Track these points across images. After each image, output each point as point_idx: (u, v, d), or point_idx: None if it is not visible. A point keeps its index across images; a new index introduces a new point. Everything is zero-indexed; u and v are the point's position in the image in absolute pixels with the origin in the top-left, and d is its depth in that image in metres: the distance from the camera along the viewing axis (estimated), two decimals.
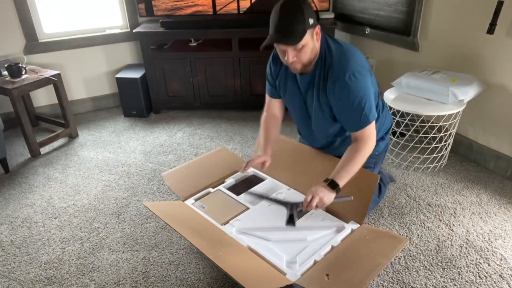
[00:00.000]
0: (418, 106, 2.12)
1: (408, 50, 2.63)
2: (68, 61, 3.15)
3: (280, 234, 1.44)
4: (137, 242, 1.85)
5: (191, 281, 1.63)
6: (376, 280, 1.59)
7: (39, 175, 2.43)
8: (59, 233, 1.93)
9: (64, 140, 2.87)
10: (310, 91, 1.56)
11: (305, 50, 1.41)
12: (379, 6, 2.72)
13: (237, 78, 3.05)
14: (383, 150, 1.79)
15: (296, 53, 1.41)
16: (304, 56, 1.43)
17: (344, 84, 1.42)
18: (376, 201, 1.97)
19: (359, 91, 1.44)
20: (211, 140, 2.79)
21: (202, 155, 1.94)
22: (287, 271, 1.26)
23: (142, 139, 2.84)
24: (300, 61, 1.44)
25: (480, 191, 2.12)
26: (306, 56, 1.43)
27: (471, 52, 2.23)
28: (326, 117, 1.59)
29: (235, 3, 2.97)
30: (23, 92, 2.55)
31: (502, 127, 2.18)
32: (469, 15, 2.18)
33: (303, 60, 1.44)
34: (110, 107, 3.41)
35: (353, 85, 1.42)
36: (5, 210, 2.12)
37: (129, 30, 3.23)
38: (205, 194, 1.68)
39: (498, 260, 1.66)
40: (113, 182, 2.33)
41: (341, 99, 1.46)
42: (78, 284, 1.63)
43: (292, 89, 1.63)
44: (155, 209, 1.52)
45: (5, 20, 2.85)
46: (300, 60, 1.44)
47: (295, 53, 1.41)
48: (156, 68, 3.06)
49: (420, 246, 1.76)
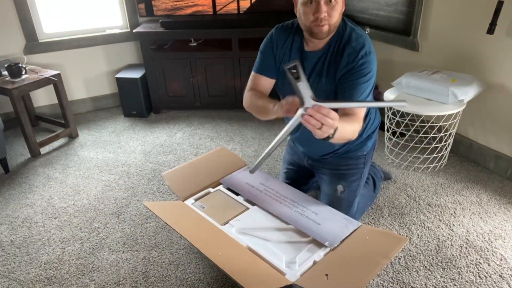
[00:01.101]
0: (418, 106, 2.12)
1: (408, 50, 2.63)
2: (68, 61, 3.15)
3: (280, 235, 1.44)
4: (137, 242, 1.85)
5: (191, 281, 1.63)
6: (376, 280, 1.59)
7: (39, 175, 2.43)
8: (59, 233, 1.93)
9: (64, 140, 2.87)
10: (318, 69, 1.50)
11: (337, 8, 1.36)
12: (379, 6, 2.72)
13: (237, 78, 3.05)
14: (371, 149, 1.78)
15: (328, 9, 1.35)
16: (335, 14, 1.37)
17: (359, 58, 1.39)
18: (372, 197, 1.98)
19: (370, 70, 1.42)
20: (211, 140, 2.79)
21: (202, 155, 1.94)
22: (286, 271, 1.26)
23: (142, 139, 2.84)
24: (330, 20, 1.37)
25: (480, 191, 2.12)
26: (336, 15, 1.37)
27: (471, 52, 2.23)
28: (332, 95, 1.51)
29: (235, 3, 2.97)
30: (23, 92, 2.55)
31: (502, 127, 2.18)
32: (469, 15, 2.18)
33: (333, 18, 1.37)
34: (110, 107, 3.42)
35: (367, 62, 1.40)
36: (5, 210, 2.12)
37: (129, 30, 3.23)
38: (205, 194, 1.68)
39: (498, 260, 1.66)
40: (113, 182, 2.33)
41: (351, 71, 1.42)
42: (78, 284, 1.63)
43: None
44: (155, 209, 1.52)
45: (5, 20, 2.85)
46: (330, 19, 1.37)
47: (327, 9, 1.35)
48: (156, 68, 3.06)
49: (420, 246, 1.76)
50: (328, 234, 1.39)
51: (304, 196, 1.62)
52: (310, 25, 1.39)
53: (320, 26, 1.38)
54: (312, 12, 1.36)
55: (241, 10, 2.99)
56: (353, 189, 1.71)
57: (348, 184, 1.70)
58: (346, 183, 1.70)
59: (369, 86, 1.44)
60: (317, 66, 1.50)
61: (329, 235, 1.39)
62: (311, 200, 1.59)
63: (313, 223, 1.45)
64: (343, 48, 1.43)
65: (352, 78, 1.42)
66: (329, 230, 1.41)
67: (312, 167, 1.84)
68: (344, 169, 1.72)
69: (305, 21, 1.41)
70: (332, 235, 1.39)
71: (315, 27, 1.39)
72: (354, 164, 1.73)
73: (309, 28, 1.41)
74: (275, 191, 1.64)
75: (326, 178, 1.75)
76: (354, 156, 1.71)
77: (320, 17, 1.35)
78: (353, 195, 1.72)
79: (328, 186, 1.74)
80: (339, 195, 1.70)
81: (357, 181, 1.72)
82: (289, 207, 1.54)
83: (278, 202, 1.57)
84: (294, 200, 1.58)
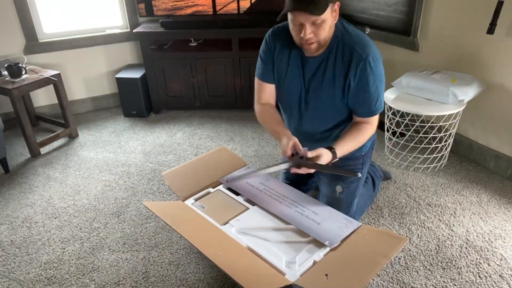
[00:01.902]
0: (418, 106, 2.12)
1: (408, 50, 2.63)
2: (68, 61, 3.15)
3: (280, 235, 1.44)
4: (137, 242, 1.85)
5: (191, 281, 1.63)
6: (376, 280, 1.59)
7: (39, 175, 2.43)
8: (59, 233, 1.93)
9: (64, 140, 2.87)
10: (319, 74, 1.48)
11: (324, 26, 1.33)
12: (379, 6, 2.72)
13: (237, 78, 3.05)
14: (369, 149, 1.78)
15: (314, 28, 1.32)
16: (322, 33, 1.33)
17: (367, 65, 1.38)
18: (371, 196, 1.97)
19: (379, 75, 1.41)
20: (211, 140, 2.79)
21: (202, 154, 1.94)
22: (286, 271, 1.26)
23: (142, 139, 2.84)
24: (317, 38, 1.34)
25: (480, 191, 2.12)
26: (324, 33, 1.34)
27: (471, 52, 2.23)
28: (334, 103, 1.51)
29: (235, 3, 2.97)
30: (23, 92, 2.55)
31: (502, 127, 2.18)
32: (469, 15, 2.18)
33: (320, 37, 1.35)
34: (110, 107, 3.42)
35: (375, 68, 1.39)
36: (5, 210, 2.12)
37: (129, 30, 3.24)
38: (205, 194, 1.68)
39: (498, 260, 1.66)
40: (113, 182, 2.33)
41: (362, 80, 1.41)
42: (78, 284, 1.63)
43: (293, 73, 1.53)
44: (155, 209, 1.52)
45: (5, 20, 2.85)
46: (317, 38, 1.34)
47: (313, 29, 1.32)
48: (156, 68, 3.06)
49: (420, 246, 1.76)
50: (328, 233, 1.39)
51: (304, 196, 1.62)
52: (299, 43, 1.41)
53: (307, 45, 1.38)
54: (298, 31, 1.36)
55: (241, 10, 2.99)
56: (352, 190, 1.71)
57: (347, 185, 1.70)
58: (344, 184, 1.70)
59: (381, 91, 1.45)
60: (318, 72, 1.48)
61: (329, 234, 1.39)
62: (311, 200, 1.59)
63: (313, 223, 1.45)
64: (349, 55, 1.40)
65: (364, 90, 1.42)
66: (329, 230, 1.41)
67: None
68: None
69: (294, 38, 1.42)
70: (332, 235, 1.39)
71: (303, 45, 1.40)
72: (352, 165, 1.72)
73: (299, 44, 1.43)
74: (275, 191, 1.64)
75: (325, 179, 1.75)
76: (352, 157, 1.70)
77: (305, 39, 1.34)
78: (352, 195, 1.72)
79: (327, 187, 1.74)
80: (338, 196, 1.70)
81: (356, 181, 1.72)
82: (289, 207, 1.54)
83: (278, 202, 1.57)
84: (294, 200, 1.58)
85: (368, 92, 1.43)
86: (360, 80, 1.41)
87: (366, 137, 1.52)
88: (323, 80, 1.48)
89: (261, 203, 1.57)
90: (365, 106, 1.48)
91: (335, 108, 1.54)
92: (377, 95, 1.45)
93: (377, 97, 1.45)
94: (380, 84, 1.44)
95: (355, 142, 1.50)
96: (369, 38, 1.45)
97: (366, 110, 1.49)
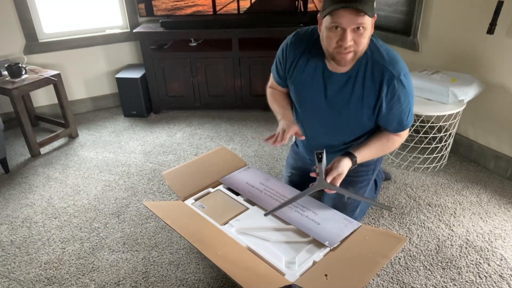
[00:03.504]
0: (418, 106, 2.12)
1: (408, 50, 2.63)
2: (68, 61, 3.16)
3: (280, 235, 1.44)
4: (137, 242, 1.85)
5: (191, 281, 1.63)
6: (376, 280, 1.59)
7: (39, 175, 2.43)
8: (59, 233, 1.93)
9: (64, 140, 2.87)
10: (347, 92, 1.39)
11: (365, 35, 1.22)
12: (379, 6, 2.72)
13: (237, 78, 3.05)
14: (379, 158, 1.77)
15: (355, 36, 1.21)
16: (363, 41, 1.24)
17: (400, 84, 1.33)
18: (373, 197, 1.97)
19: (410, 90, 1.38)
20: (211, 140, 2.79)
21: (202, 154, 1.94)
22: (286, 272, 1.26)
23: (142, 139, 2.84)
24: (356, 47, 1.24)
25: (480, 191, 2.12)
26: (364, 43, 1.24)
27: (471, 52, 2.23)
28: (361, 122, 1.46)
29: (235, 3, 2.97)
30: (23, 92, 2.55)
31: (502, 127, 2.18)
32: (469, 15, 2.18)
33: (359, 46, 1.25)
34: (110, 107, 3.42)
35: (406, 85, 1.35)
36: (5, 210, 2.12)
37: (129, 30, 3.24)
38: (205, 194, 1.68)
39: (498, 260, 1.66)
40: (113, 182, 2.33)
41: (394, 98, 1.36)
42: (78, 284, 1.63)
43: (313, 86, 1.45)
44: (154, 209, 1.52)
45: (5, 20, 2.85)
46: (357, 46, 1.24)
47: (353, 36, 1.21)
48: (156, 68, 3.06)
49: (420, 246, 1.76)
50: (328, 234, 1.39)
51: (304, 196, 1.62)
52: (333, 51, 1.28)
53: (344, 54, 1.26)
54: (336, 38, 1.24)
55: (241, 10, 2.99)
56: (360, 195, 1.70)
57: (356, 190, 1.67)
58: (354, 189, 1.66)
59: (411, 107, 1.42)
60: (345, 89, 1.40)
61: (328, 235, 1.39)
62: (311, 200, 1.59)
63: (313, 223, 1.45)
64: (380, 74, 1.33)
65: (396, 107, 1.38)
66: (329, 230, 1.41)
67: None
68: (353, 176, 1.67)
69: (327, 46, 1.29)
70: (332, 235, 1.39)
71: (338, 54, 1.27)
72: (364, 171, 1.70)
73: (331, 54, 1.30)
74: (275, 191, 1.64)
75: None
76: (365, 163, 1.64)
77: (345, 46, 1.23)
78: (358, 201, 1.71)
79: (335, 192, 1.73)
80: (346, 201, 1.68)
81: (365, 187, 1.71)
82: (289, 207, 1.54)
83: (278, 202, 1.57)
84: None
85: (399, 108, 1.39)
86: (392, 98, 1.36)
87: (392, 149, 1.49)
88: (351, 98, 1.40)
89: (261, 203, 1.57)
90: (396, 122, 1.44)
91: (360, 125, 1.50)
92: (408, 110, 1.41)
93: (408, 111, 1.42)
94: (412, 99, 1.41)
95: (379, 152, 1.48)
96: (397, 54, 1.39)
97: (397, 126, 1.46)
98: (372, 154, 1.47)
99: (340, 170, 1.36)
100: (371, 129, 1.54)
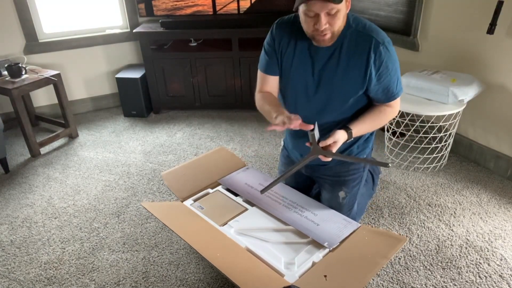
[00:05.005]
0: (418, 106, 2.12)
1: (408, 50, 2.62)
2: (68, 61, 3.16)
3: (279, 236, 1.44)
4: (137, 242, 1.85)
5: (191, 281, 1.63)
6: (376, 280, 1.59)
7: (39, 175, 2.44)
8: (59, 233, 1.94)
9: (64, 140, 2.87)
10: (332, 64, 1.44)
11: (339, 16, 1.30)
12: (379, 6, 2.72)
13: (237, 78, 3.05)
14: (370, 151, 1.76)
15: (329, 19, 1.28)
16: (337, 22, 1.31)
17: (385, 50, 1.38)
18: (370, 194, 1.97)
19: (396, 59, 1.42)
20: (211, 140, 2.79)
21: (201, 154, 1.94)
22: (285, 273, 1.26)
23: (142, 139, 2.84)
24: (332, 29, 1.32)
25: (480, 191, 2.12)
26: (339, 23, 1.32)
27: (471, 52, 2.23)
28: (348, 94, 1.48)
29: (235, 3, 2.97)
30: (23, 92, 2.55)
31: (502, 127, 2.18)
32: (469, 15, 2.18)
33: (335, 27, 1.32)
34: (110, 107, 3.42)
35: (392, 52, 1.40)
36: (5, 210, 2.12)
37: (129, 30, 3.23)
38: (204, 194, 1.68)
39: (498, 260, 1.66)
40: (113, 182, 2.33)
41: (382, 66, 1.40)
42: (78, 284, 1.64)
43: (300, 65, 1.50)
44: (153, 209, 1.52)
45: (5, 20, 2.85)
46: (332, 28, 1.32)
47: (328, 19, 1.28)
48: (156, 68, 3.06)
49: (420, 246, 1.76)
50: (327, 234, 1.39)
51: (303, 197, 1.62)
52: (312, 34, 1.36)
53: (321, 36, 1.34)
54: (312, 23, 1.32)
55: (241, 10, 2.99)
56: (354, 193, 1.70)
57: (350, 189, 1.68)
58: (347, 189, 1.68)
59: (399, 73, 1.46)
60: (331, 61, 1.44)
61: (328, 235, 1.39)
62: (310, 201, 1.59)
63: (312, 224, 1.45)
64: (366, 42, 1.39)
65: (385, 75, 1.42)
66: (328, 230, 1.41)
67: (312, 175, 1.82)
68: (345, 175, 1.68)
69: (306, 29, 1.37)
70: (331, 236, 1.39)
71: (317, 35, 1.35)
72: (355, 169, 1.70)
73: (311, 36, 1.38)
74: (274, 191, 1.64)
75: (327, 185, 1.74)
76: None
77: (321, 30, 1.31)
78: (353, 198, 1.71)
79: (329, 193, 1.73)
80: (341, 201, 1.69)
81: (358, 185, 1.71)
82: (288, 208, 1.54)
83: (277, 203, 1.57)
84: (293, 200, 1.58)
85: (388, 76, 1.43)
86: (380, 66, 1.41)
87: (386, 121, 1.50)
88: (337, 70, 1.44)
89: (260, 204, 1.57)
90: (387, 91, 1.47)
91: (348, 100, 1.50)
92: (396, 78, 1.45)
93: (396, 80, 1.45)
94: (398, 67, 1.45)
95: (374, 124, 1.49)
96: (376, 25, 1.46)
97: (388, 95, 1.48)
98: (366, 127, 1.48)
99: (336, 138, 1.37)
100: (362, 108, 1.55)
